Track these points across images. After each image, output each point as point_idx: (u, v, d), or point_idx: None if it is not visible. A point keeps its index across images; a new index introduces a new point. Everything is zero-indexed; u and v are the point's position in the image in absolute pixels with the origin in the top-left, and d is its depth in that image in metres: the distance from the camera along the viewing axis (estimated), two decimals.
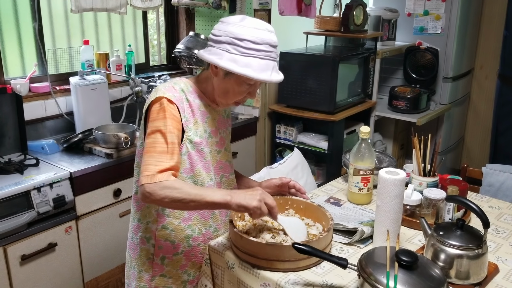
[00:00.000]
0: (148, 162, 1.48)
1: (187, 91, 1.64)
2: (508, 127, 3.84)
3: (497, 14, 4.33)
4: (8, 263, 2.24)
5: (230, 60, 1.51)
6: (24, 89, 2.77)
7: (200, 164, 1.64)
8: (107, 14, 3.31)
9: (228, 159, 1.81)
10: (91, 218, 2.56)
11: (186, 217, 1.67)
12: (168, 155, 1.50)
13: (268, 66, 1.54)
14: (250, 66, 1.51)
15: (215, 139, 1.72)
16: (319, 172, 3.62)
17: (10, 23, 2.84)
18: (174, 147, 1.52)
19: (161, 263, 1.69)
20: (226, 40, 1.53)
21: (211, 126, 1.70)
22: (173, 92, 1.59)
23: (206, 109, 1.68)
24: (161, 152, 1.49)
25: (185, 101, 1.62)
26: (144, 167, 1.48)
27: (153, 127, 1.53)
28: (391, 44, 4.15)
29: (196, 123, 1.63)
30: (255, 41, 1.51)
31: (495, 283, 1.50)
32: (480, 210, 1.47)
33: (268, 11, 3.54)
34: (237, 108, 3.70)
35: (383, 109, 4.01)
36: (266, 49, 1.53)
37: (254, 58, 1.51)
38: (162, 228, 1.67)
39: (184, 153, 1.61)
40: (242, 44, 1.51)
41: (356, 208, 2.00)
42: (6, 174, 2.38)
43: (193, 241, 1.70)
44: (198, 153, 1.64)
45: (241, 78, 1.56)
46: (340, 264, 1.40)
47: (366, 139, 1.97)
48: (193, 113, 1.63)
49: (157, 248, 1.68)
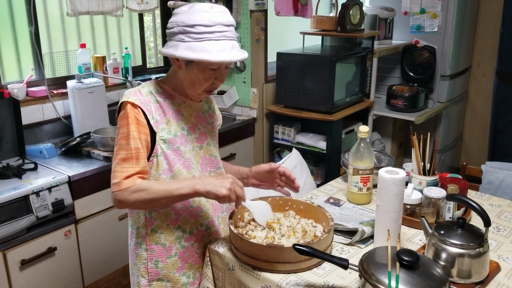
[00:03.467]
0: (115, 170, 1.52)
1: (156, 92, 1.63)
2: (506, 125, 3.83)
3: (494, 11, 4.34)
4: (8, 268, 2.23)
5: (185, 48, 1.50)
6: (21, 93, 2.76)
7: (178, 163, 1.63)
8: (103, 17, 3.30)
9: (213, 153, 1.77)
10: (90, 222, 2.55)
11: (174, 218, 1.66)
12: (133, 161, 1.52)
13: (225, 46, 1.50)
14: (206, 50, 1.48)
15: (194, 135, 1.70)
16: (317, 172, 3.61)
17: (6, 27, 2.83)
18: (139, 152, 1.53)
19: (155, 267, 1.68)
20: (178, 30, 1.52)
21: (187, 123, 1.68)
22: (138, 96, 1.58)
23: (180, 107, 1.67)
24: (126, 158, 1.52)
25: (154, 102, 1.61)
26: (112, 175, 1.52)
27: (118, 135, 1.56)
28: (388, 43, 4.15)
29: (168, 122, 1.62)
30: (206, 24, 1.48)
31: (497, 281, 1.49)
32: (481, 208, 1.46)
33: (264, 11, 3.54)
34: (235, 109, 3.70)
35: (381, 108, 4.01)
36: (220, 29, 1.50)
37: (208, 41, 1.49)
38: (152, 232, 1.66)
39: (159, 154, 1.60)
40: (194, 30, 1.49)
41: (356, 208, 2.00)
42: (4, 179, 2.38)
43: (186, 241, 1.69)
44: (175, 152, 1.62)
45: (202, 64, 1.54)
46: (341, 265, 1.40)
47: (365, 138, 1.97)
48: (164, 113, 1.62)
49: (150, 252, 1.68)
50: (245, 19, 3.46)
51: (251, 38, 3.49)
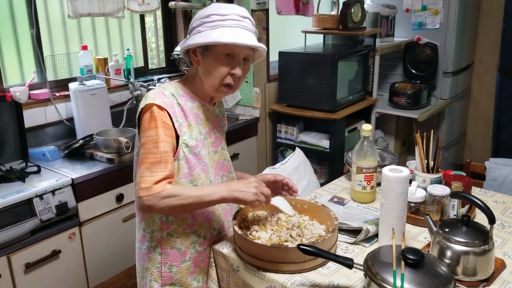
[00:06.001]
0: (144, 174, 1.49)
1: (177, 94, 1.62)
2: (509, 121, 3.82)
3: (496, 7, 4.32)
4: (13, 272, 2.23)
5: (200, 36, 1.52)
6: (24, 96, 2.77)
7: (198, 167, 1.63)
8: (104, 19, 3.30)
9: (226, 157, 1.78)
10: (94, 224, 2.55)
11: (191, 222, 1.66)
12: (162, 165, 1.50)
13: (239, 33, 1.52)
14: (219, 34, 1.50)
15: (210, 139, 1.70)
16: (321, 171, 3.61)
17: (7, 30, 2.83)
18: (168, 156, 1.52)
19: (169, 271, 1.67)
20: (196, 24, 1.56)
21: (205, 127, 1.68)
22: (163, 98, 1.57)
23: (199, 111, 1.66)
24: (155, 162, 1.50)
25: (176, 105, 1.60)
26: (140, 179, 1.49)
27: (146, 137, 1.53)
28: (390, 41, 4.13)
29: (190, 126, 1.61)
30: (222, 13, 1.51)
31: (503, 278, 1.49)
32: (485, 206, 1.46)
33: (266, 10, 3.54)
34: (237, 109, 3.70)
35: (383, 106, 4.00)
36: (235, 18, 1.52)
37: (222, 27, 1.51)
38: (167, 236, 1.65)
39: (181, 158, 1.59)
40: (209, 20, 1.52)
41: (360, 206, 1.99)
42: (8, 182, 2.38)
43: (200, 246, 1.69)
44: (195, 156, 1.62)
45: (217, 51, 1.54)
46: (346, 264, 1.39)
47: (368, 137, 1.96)
48: (185, 117, 1.61)
49: (164, 256, 1.66)
50: None
51: None
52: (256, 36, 1.59)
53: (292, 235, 1.61)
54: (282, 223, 1.69)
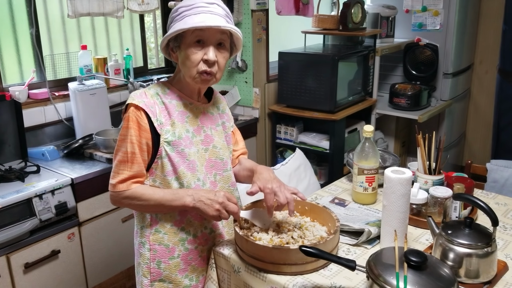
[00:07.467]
0: (113, 170, 1.60)
1: (163, 93, 1.63)
2: (509, 122, 3.82)
3: (496, 9, 4.32)
4: (12, 272, 2.22)
5: (169, 31, 1.55)
6: (23, 95, 2.75)
7: (183, 165, 1.61)
8: (104, 19, 3.29)
9: (219, 156, 1.73)
10: (93, 224, 2.54)
11: (178, 219, 1.65)
12: (128, 164, 1.57)
13: (203, 18, 1.51)
14: (184, 23, 1.52)
15: (199, 137, 1.68)
16: (321, 171, 3.60)
17: (7, 29, 2.82)
18: (134, 157, 1.57)
19: (157, 267, 1.67)
20: (169, 21, 1.60)
21: (193, 125, 1.67)
22: (142, 98, 1.59)
23: (186, 108, 1.66)
24: (122, 161, 1.57)
25: (160, 104, 1.61)
26: (111, 174, 1.60)
27: (119, 135, 1.61)
28: (390, 41, 4.13)
29: (173, 124, 1.61)
30: (188, 4, 1.54)
31: (505, 281, 1.48)
32: (488, 208, 1.45)
33: (266, 11, 3.53)
34: (237, 109, 3.69)
35: (383, 107, 3.99)
36: (200, 5, 1.52)
37: (188, 17, 1.52)
38: (155, 232, 1.66)
39: (163, 156, 1.59)
40: (177, 13, 1.55)
41: (362, 208, 1.98)
42: (7, 182, 2.37)
43: (189, 244, 1.67)
44: (179, 154, 1.61)
45: (186, 41, 1.54)
46: (349, 266, 1.38)
47: (369, 138, 1.95)
48: (169, 115, 1.61)
49: (152, 252, 1.67)
50: (246, 19, 3.45)
51: (253, 38, 3.48)
52: (228, 20, 1.58)
53: (294, 237, 1.60)
54: (283, 224, 1.68)
